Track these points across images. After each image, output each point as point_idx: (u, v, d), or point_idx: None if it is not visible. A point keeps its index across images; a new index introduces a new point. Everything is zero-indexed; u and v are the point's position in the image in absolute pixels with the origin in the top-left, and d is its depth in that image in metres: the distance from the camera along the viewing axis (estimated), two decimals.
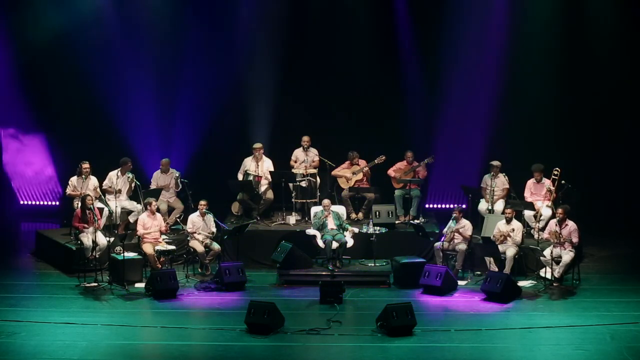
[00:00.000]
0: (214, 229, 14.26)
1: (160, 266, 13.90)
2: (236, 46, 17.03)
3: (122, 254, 13.52)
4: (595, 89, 16.85)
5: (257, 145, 15.68)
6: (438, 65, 16.90)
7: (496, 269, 13.69)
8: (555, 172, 14.79)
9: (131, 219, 14.98)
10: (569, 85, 16.88)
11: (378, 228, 14.50)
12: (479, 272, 14.04)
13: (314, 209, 14.87)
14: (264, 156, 15.71)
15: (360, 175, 15.79)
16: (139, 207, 14.80)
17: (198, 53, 16.99)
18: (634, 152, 16.90)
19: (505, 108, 16.90)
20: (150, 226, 14.02)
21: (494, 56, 16.79)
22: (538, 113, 16.89)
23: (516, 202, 14.81)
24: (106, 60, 16.85)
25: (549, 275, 13.46)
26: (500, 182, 15.19)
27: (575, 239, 13.50)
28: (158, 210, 14.51)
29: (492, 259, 13.89)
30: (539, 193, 14.96)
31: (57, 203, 17.72)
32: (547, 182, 14.87)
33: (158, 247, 13.95)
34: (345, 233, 14.20)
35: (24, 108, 17.37)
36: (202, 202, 14.27)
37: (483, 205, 15.26)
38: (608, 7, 16.69)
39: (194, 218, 14.25)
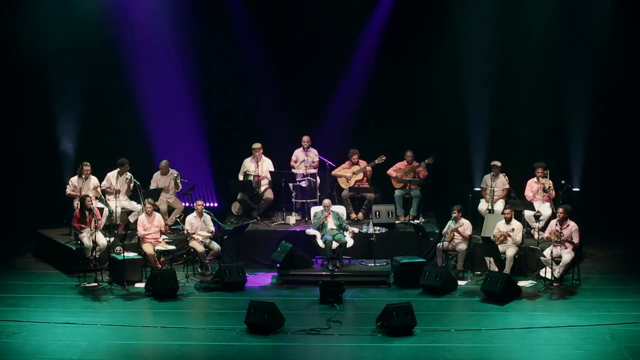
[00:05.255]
0: (212, 229, 14.26)
1: (160, 266, 13.90)
2: (236, 46, 17.02)
3: (122, 254, 13.52)
4: (596, 89, 16.83)
5: (257, 145, 15.66)
6: (437, 65, 16.91)
7: (496, 269, 13.68)
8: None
9: (131, 219, 14.98)
10: (569, 85, 16.86)
11: (378, 228, 14.50)
12: (479, 272, 14.04)
13: (314, 209, 14.87)
14: (263, 156, 15.70)
15: (360, 175, 15.78)
16: (139, 207, 14.79)
17: (198, 53, 16.97)
18: (634, 151, 16.88)
19: (505, 108, 16.91)
20: (150, 226, 14.02)
21: (490, 55, 16.83)
22: (537, 113, 16.88)
23: (516, 202, 14.81)
24: (106, 60, 16.83)
25: (549, 275, 13.46)
26: (500, 183, 15.18)
27: (576, 239, 13.49)
28: (158, 210, 14.52)
29: (492, 259, 13.88)
30: (539, 192, 14.95)
31: None
32: (547, 182, 14.87)
33: (158, 247, 13.95)
34: (345, 233, 14.20)
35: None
36: (199, 202, 14.30)
37: (483, 205, 15.26)
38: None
39: (191, 219, 14.25)
